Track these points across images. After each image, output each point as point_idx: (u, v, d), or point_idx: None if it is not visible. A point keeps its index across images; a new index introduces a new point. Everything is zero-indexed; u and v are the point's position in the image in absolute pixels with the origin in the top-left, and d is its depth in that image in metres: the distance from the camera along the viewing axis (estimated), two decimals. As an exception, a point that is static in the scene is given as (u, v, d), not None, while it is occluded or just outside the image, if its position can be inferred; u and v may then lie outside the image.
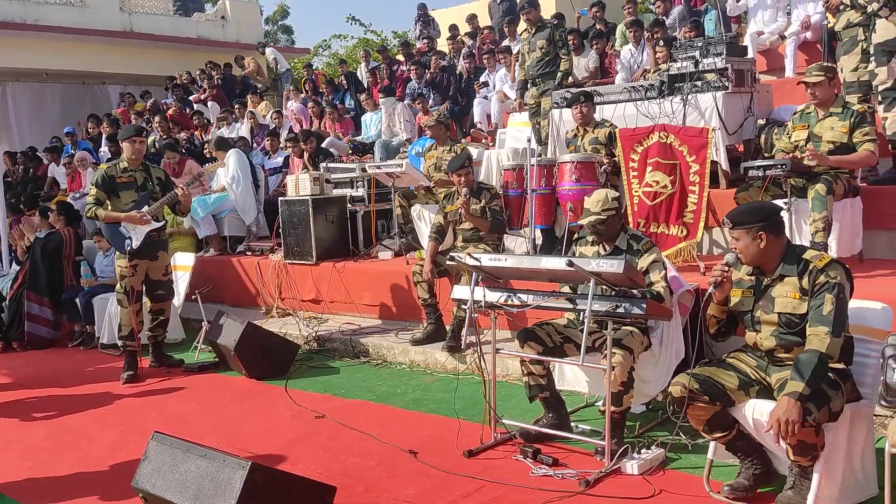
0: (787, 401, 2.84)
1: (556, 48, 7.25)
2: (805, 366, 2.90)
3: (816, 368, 2.88)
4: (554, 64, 7.30)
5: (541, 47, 7.26)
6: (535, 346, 3.97)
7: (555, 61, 7.29)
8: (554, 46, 7.25)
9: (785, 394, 2.87)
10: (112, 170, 6.04)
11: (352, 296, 7.04)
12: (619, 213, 4.07)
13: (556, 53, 7.26)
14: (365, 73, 12.29)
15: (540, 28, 7.37)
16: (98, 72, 16.38)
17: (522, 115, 8.64)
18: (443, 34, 12.60)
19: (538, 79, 7.39)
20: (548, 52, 7.26)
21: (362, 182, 7.87)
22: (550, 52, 7.26)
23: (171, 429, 4.28)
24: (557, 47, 7.26)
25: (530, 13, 7.39)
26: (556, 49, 7.25)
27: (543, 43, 7.24)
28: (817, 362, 2.89)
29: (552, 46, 7.25)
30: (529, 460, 3.79)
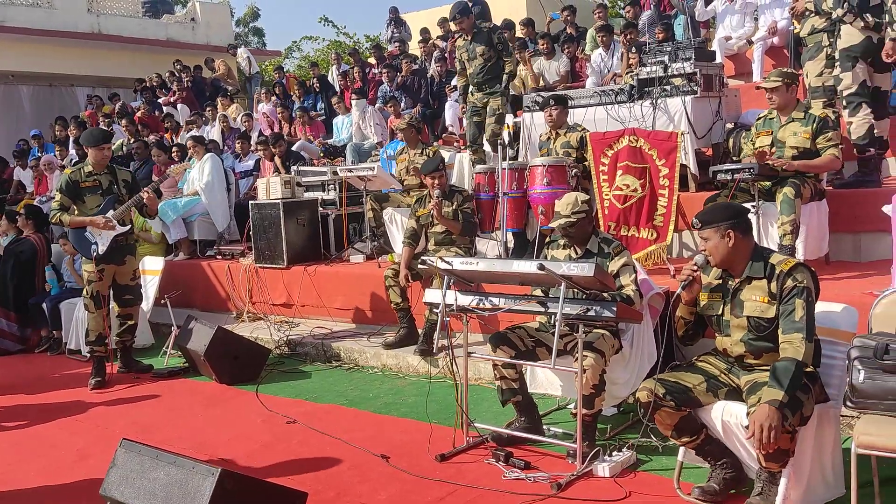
0: (768, 408, 2.85)
1: (497, 52, 7.05)
2: (783, 373, 2.92)
3: (794, 376, 2.91)
4: (498, 68, 7.10)
5: (481, 53, 7.03)
6: (507, 349, 3.98)
7: (498, 65, 7.10)
8: (495, 50, 7.05)
9: (765, 401, 2.89)
10: (76, 174, 5.93)
11: (323, 300, 7.00)
12: (589, 217, 4.10)
13: (498, 57, 7.07)
14: (336, 77, 12.25)
15: (477, 34, 7.11)
16: (66, 74, 16.16)
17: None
18: (414, 38, 12.59)
19: (484, 85, 7.16)
20: (490, 57, 7.04)
21: (333, 185, 7.84)
22: (492, 56, 7.05)
23: (140, 435, 4.23)
24: (498, 51, 7.06)
25: (463, 21, 7.10)
26: (497, 53, 7.06)
27: (484, 49, 7.02)
28: (795, 370, 2.92)
29: (493, 51, 7.04)
30: (502, 464, 3.80)
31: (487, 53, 7.02)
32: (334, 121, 10.64)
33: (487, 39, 7.04)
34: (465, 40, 7.23)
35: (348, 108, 10.36)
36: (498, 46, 7.06)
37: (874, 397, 2.93)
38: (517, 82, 9.08)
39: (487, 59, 7.03)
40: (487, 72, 7.07)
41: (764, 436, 2.83)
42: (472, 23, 7.13)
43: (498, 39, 7.08)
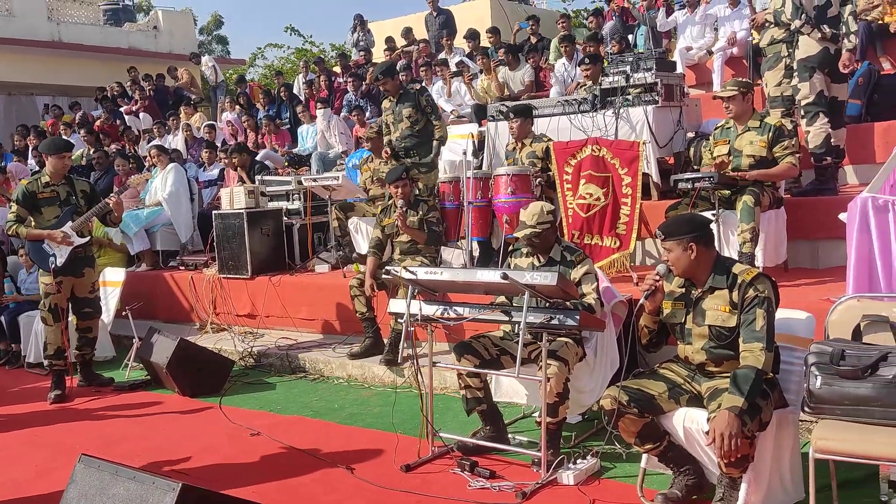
0: (728, 415, 2.89)
1: (425, 115, 6.58)
2: (743, 381, 2.96)
3: (754, 383, 2.95)
4: (426, 132, 6.60)
5: (408, 116, 6.55)
6: (471, 358, 3.98)
7: (427, 129, 6.60)
8: (422, 113, 6.57)
9: (725, 408, 2.92)
10: (33, 185, 5.81)
11: (288, 310, 6.94)
12: (553, 226, 4.13)
13: (427, 120, 6.59)
14: (302, 85, 12.19)
15: (403, 95, 6.65)
16: (25, 82, 15.88)
17: (459, 127, 8.70)
18: (380, 46, 12.59)
19: (412, 151, 6.63)
20: (417, 120, 6.56)
21: (298, 195, 7.79)
22: (419, 119, 6.57)
23: (101, 450, 4.14)
24: (426, 113, 6.58)
25: (387, 83, 6.66)
26: (425, 116, 6.58)
27: (410, 111, 6.54)
28: (754, 378, 2.97)
29: (420, 114, 6.56)
30: (467, 473, 3.79)
31: (414, 116, 6.57)
32: (299, 130, 10.58)
33: (415, 101, 6.59)
34: (390, 101, 6.78)
35: (313, 118, 10.31)
36: (426, 109, 6.60)
37: (831, 402, 2.98)
38: (481, 92, 9.14)
39: (414, 123, 6.57)
40: (415, 137, 6.60)
41: (724, 443, 2.87)
42: (396, 84, 6.75)
43: (426, 102, 6.64)
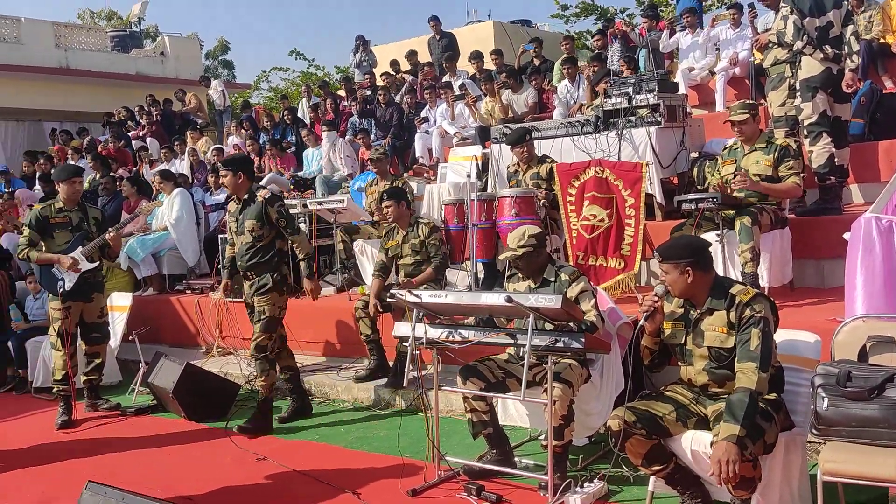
0: (726, 444, 2.87)
1: (274, 230, 5.29)
2: (737, 407, 2.94)
3: (749, 408, 2.93)
4: (270, 249, 5.30)
5: (251, 229, 5.25)
6: (477, 381, 3.98)
7: (272, 246, 5.31)
8: (270, 227, 5.27)
9: (722, 437, 2.90)
10: (46, 210, 5.88)
11: (293, 333, 6.89)
12: (538, 249, 4.10)
13: (273, 237, 5.30)
14: (307, 109, 12.28)
15: (247, 202, 5.32)
16: (33, 108, 16.03)
17: (463, 149, 8.76)
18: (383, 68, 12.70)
19: (250, 272, 5.33)
20: (261, 236, 5.25)
21: (303, 218, 7.81)
22: (264, 235, 5.26)
23: (107, 476, 4.15)
24: (278, 228, 5.29)
25: (227, 176, 5.33)
26: (274, 232, 5.30)
27: (253, 224, 5.25)
28: (749, 401, 2.95)
29: (266, 227, 5.26)
30: (473, 498, 3.77)
31: (258, 230, 5.25)
32: (304, 153, 10.65)
33: (259, 212, 5.23)
34: (236, 205, 5.45)
35: (318, 141, 10.38)
36: (279, 223, 5.27)
37: (838, 424, 2.97)
38: (485, 114, 9.19)
39: (257, 239, 5.26)
40: (256, 254, 5.28)
41: (724, 470, 2.85)
42: (245, 185, 5.32)
43: (279, 214, 5.26)
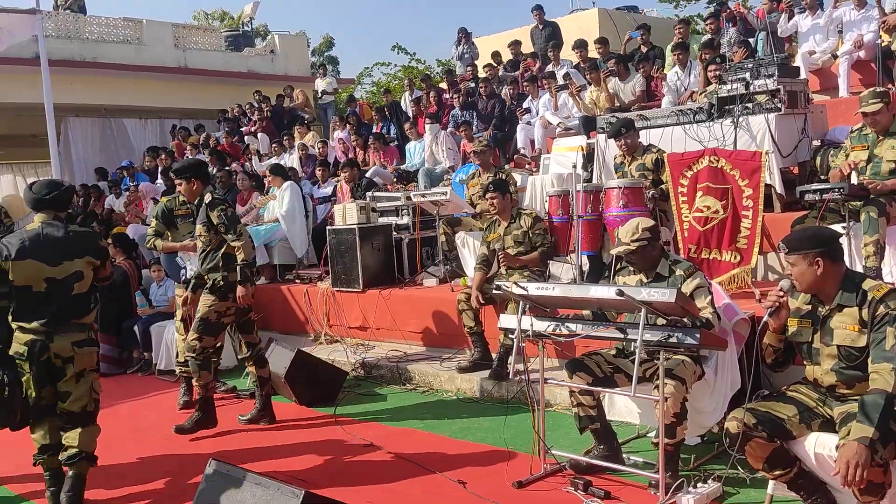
0: (857, 446, 2.71)
1: (217, 231, 5.20)
2: (872, 408, 2.77)
3: (884, 410, 2.76)
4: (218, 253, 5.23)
5: (199, 234, 5.30)
6: (584, 376, 3.91)
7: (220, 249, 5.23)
8: (214, 232, 5.21)
9: (853, 438, 2.74)
10: (171, 203, 6.21)
11: (397, 323, 7.06)
12: (652, 243, 3.98)
13: (220, 239, 5.21)
14: (409, 102, 12.43)
15: (199, 205, 5.33)
16: (153, 107, 16.94)
17: (567, 140, 8.63)
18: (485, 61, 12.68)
19: (206, 275, 5.28)
20: (208, 239, 5.25)
21: (407, 210, 7.92)
22: (212, 238, 5.24)
23: (226, 455, 4.34)
24: (220, 231, 5.16)
25: (181, 184, 5.41)
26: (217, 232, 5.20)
27: (201, 228, 5.26)
28: (884, 404, 2.77)
29: (212, 233, 5.22)
30: (580, 493, 3.71)
31: (206, 236, 5.26)
32: (407, 146, 10.78)
33: (204, 216, 5.23)
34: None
35: (421, 134, 10.49)
36: (220, 227, 5.15)
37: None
38: (589, 104, 9.02)
39: (206, 243, 5.28)
40: (207, 259, 5.27)
41: (850, 472, 2.68)
42: (197, 190, 5.34)
43: (220, 218, 5.13)
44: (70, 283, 4.06)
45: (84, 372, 4.09)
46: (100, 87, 15.82)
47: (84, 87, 15.37)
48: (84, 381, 4.09)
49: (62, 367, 4.02)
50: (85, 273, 4.13)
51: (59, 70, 12.33)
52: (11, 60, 13.04)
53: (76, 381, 4.06)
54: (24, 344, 3.96)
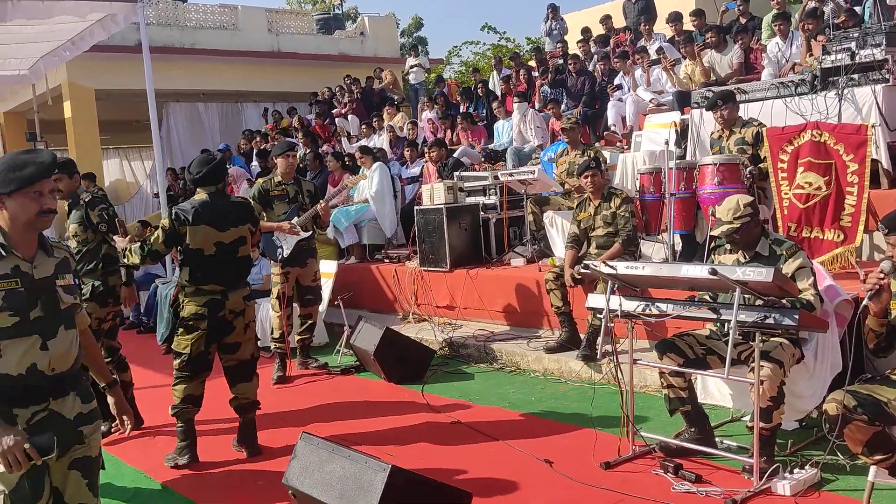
0: None
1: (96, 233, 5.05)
2: None
3: None
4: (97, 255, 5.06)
5: (74, 234, 5.09)
6: (674, 357, 3.83)
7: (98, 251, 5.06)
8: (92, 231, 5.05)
9: None
10: (267, 184, 6.42)
11: (485, 302, 7.08)
12: (754, 220, 3.84)
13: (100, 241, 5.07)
14: (498, 82, 12.35)
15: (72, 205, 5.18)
16: (248, 91, 17.45)
17: (660, 116, 8.38)
18: (575, 36, 12.44)
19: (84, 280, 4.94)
20: (84, 239, 5.05)
21: (494, 189, 7.91)
22: (87, 240, 5.06)
23: (316, 429, 4.48)
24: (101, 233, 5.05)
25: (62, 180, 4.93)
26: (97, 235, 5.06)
27: (77, 228, 5.07)
28: None
29: (89, 232, 5.05)
30: (670, 475, 3.65)
31: (82, 235, 5.07)
32: (495, 125, 10.73)
33: (81, 216, 5.06)
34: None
35: (509, 113, 10.41)
36: (101, 228, 5.03)
37: None
38: (684, 78, 8.72)
39: (82, 243, 5.06)
40: (82, 260, 5.01)
41: None
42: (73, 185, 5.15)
43: (101, 217, 5.03)
44: (236, 246, 4.52)
45: (249, 323, 4.60)
46: (198, 73, 16.41)
47: (183, 72, 15.97)
48: (250, 331, 4.61)
49: (232, 321, 4.49)
50: (246, 238, 4.60)
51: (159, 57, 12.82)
52: (116, 49, 13.67)
53: (244, 332, 4.56)
54: (202, 305, 4.40)
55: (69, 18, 9.08)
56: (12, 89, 13.59)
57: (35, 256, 2.50)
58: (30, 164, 2.44)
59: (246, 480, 4.25)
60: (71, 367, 2.54)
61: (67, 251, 2.67)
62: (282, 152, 6.39)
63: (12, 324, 2.39)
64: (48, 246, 2.56)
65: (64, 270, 2.57)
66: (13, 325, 2.39)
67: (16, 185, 2.41)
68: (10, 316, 2.39)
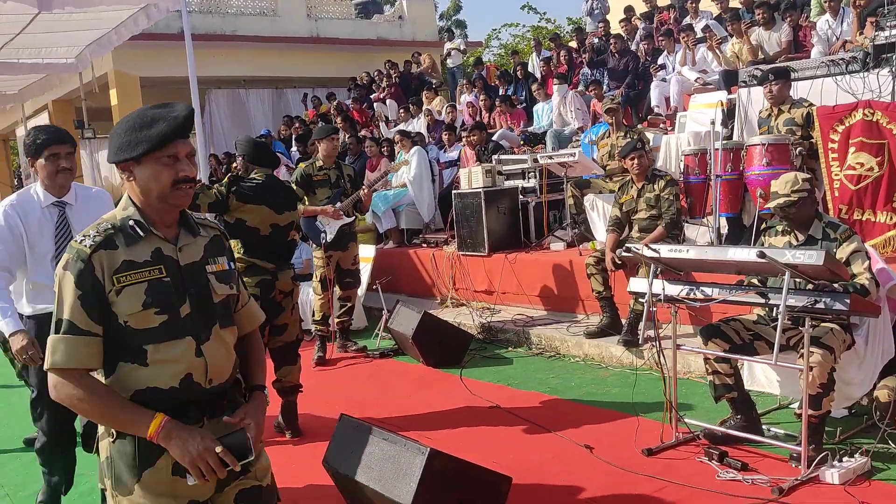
0: None
1: None
2: None
3: None
4: None
5: None
6: (720, 342, 3.74)
7: None
8: None
9: None
10: (309, 168, 6.44)
11: (523, 287, 7.02)
12: (811, 197, 3.71)
13: None
14: (538, 63, 12.20)
15: None
16: (288, 77, 17.53)
17: (706, 96, 8.18)
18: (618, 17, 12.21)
19: None
20: None
21: (534, 172, 7.81)
22: None
23: (356, 411, 4.50)
24: None
25: None
26: None
27: None
28: None
29: None
30: (715, 463, 3.57)
31: None
32: (535, 108, 10.61)
33: None
34: None
35: (548, 95, 10.28)
36: None
37: None
38: (730, 57, 8.49)
39: None
40: None
41: None
42: None
43: None
44: (287, 230, 4.62)
45: (295, 304, 4.70)
46: (238, 60, 16.52)
47: (224, 59, 16.10)
48: (296, 312, 4.69)
49: (281, 302, 4.54)
50: (295, 222, 4.72)
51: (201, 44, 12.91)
52: (159, 36, 13.84)
53: (291, 313, 4.63)
54: (255, 286, 4.44)
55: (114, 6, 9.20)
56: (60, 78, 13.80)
57: (178, 237, 1.99)
58: (160, 119, 1.88)
59: (287, 461, 4.27)
60: (229, 377, 2.05)
61: (217, 228, 2.14)
62: (325, 135, 6.40)
63: (160, 323, 1.90)
64: (192, 223, 2.04)
65: (215, 252, 2.06)
66: (161, 324, 1.90)
67: (143, 148, 1.87)
68: (156, 314, 1.89)
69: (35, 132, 3.20)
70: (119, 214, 1.94)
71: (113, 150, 1.91)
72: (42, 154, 3.20)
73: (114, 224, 1.91)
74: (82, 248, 1.86)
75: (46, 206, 3.32)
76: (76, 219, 3.33)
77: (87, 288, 1.85)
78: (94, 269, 1.85)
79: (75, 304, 1.84)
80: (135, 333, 1.88)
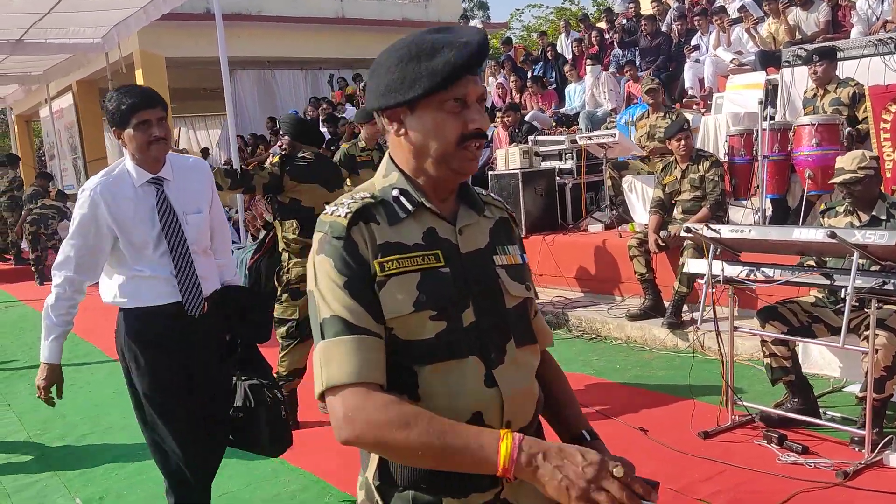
0: None
1: None
2: None
3: None
4: None
5: None
6: (778, 325, 3.70)
7: None
8: None
9: None
10: (352, 149, 6.45)
11: (561, 269, 6.99)
12: (877, 176, 3.65)
13: None
14: (568, 44, 12.07)
15: None
16: (313, 58, 17.48)
17: (743, 77, 8.07)
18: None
19: None
20: None
21: (571, 154, 7.76)
22: None
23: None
24: None
25: None
26: None
27: None
28: None
29: None
30: (775, 446, 3.54)
31: None
32: (566, 89, 10.51)
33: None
34: None
35: (581, 76, 10.17)
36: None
37: None
38: (767, 37, 8.35)
39: None
40: None
41: None
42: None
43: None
44: None
45: None
46: (264, 40, 16.48)
47: (250, 40, 16.05)
48: None
49: None
50: None
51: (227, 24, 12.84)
52: (185, 16, 13.81)
53: None
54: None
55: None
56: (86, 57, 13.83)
57: (458, 214, 1.38)
58: (445, 46, 1.30)
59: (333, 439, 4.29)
60: (532, 419, 1.40)
61: (504, 208, 1.51)
62: (368, 119, 6.39)
63: (436, 333, 1.28)
64: (475, 198, 1.42)
65: (505, 239, 1.44)
66: (438, 335, 1.28)
67: (425, 86, 1.28)
68: (432, 318, 1.28)
69: (118, 96, 2.58)
70: (379, 183, 1.37)
71: (377, 92, 1.34)
72: (129, 122, 2.55)
73: (373, 194, 1.35)
74: (336, 219, 1.30)
75: (140, 186, 2.63)
76: (175, 197, 2.66)
77: (353, 272, 1.26)
78: (356, 247, 1.27)
79: (343, 295, 1.25)
80: (401, 347, 1.27)
